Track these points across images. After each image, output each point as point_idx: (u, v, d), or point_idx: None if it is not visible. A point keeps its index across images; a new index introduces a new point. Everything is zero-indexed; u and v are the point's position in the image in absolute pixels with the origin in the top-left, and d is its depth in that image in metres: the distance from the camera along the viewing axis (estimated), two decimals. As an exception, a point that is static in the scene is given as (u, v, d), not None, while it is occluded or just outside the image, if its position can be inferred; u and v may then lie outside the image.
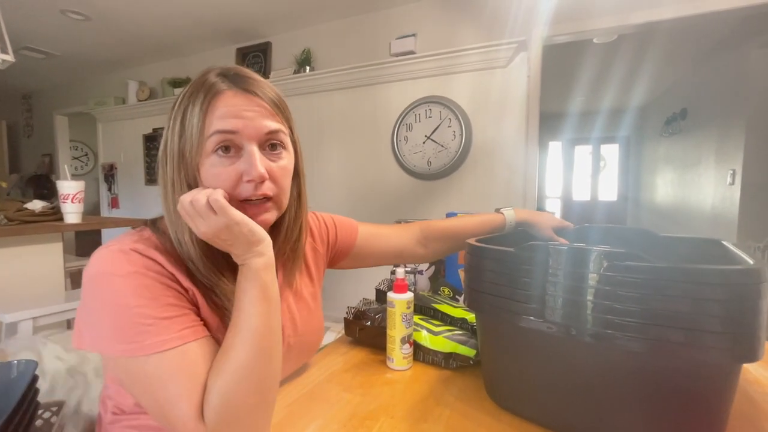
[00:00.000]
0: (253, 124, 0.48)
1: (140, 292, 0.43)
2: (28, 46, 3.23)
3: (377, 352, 0.74)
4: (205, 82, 0.48)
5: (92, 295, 0.44)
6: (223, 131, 0.46)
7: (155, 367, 0.41)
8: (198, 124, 0.46)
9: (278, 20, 2.78)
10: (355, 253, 0.75)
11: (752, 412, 0.52)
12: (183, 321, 0.44)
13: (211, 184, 0.47)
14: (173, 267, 0.47)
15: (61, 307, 1.45)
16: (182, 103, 0.48)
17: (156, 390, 0.41)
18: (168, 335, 0.42)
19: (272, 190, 0.50)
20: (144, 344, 0.41)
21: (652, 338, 0.38)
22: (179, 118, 0.48)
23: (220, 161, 0.47)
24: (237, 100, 0.48)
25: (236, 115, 0.47)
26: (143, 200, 3.86)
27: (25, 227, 1.57)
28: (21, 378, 0.52)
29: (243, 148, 0.48)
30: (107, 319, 0.43)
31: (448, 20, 2.40)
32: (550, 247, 0.45)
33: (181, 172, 0.48)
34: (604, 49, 3.14)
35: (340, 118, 2.74)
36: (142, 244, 0.47)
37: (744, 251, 0.50)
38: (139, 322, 0.42)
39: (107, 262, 0.44)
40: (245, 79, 0.49)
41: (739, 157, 2.73)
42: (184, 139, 0.47)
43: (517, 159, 2.26)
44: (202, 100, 0.47)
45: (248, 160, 0.47)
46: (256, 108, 0.49)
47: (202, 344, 0.45)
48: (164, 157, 0.49)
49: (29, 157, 4.90)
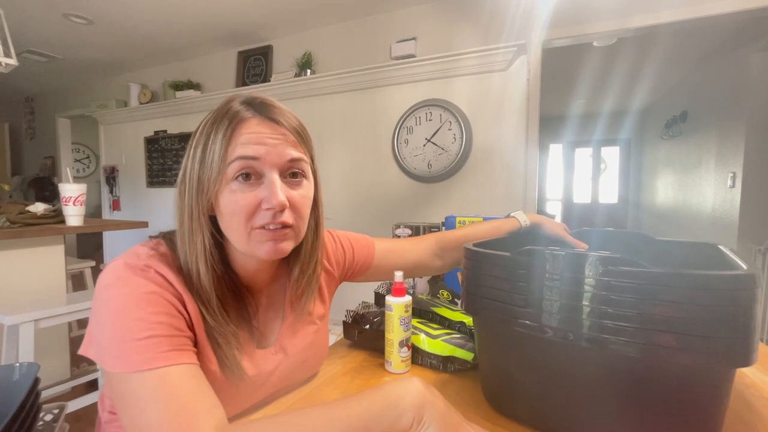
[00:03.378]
0: (276, 151, 0.48)
1: (140, 305, 0.43)
2: (31, 49, 3.25)
3: (376, 355, 0.75)
4: (230, 110, 0.48)
5: (100, 305, 0.44)
6: (245, 157, 0.46)
7: (135, 388, 0.40)
8: (220, 151, 0.46)
9: (279, 24, 2.80)
10: (372, 271, 0.74)
11: (749, 416, 0.53)
12: (172, 342, 0.43)
13: (229, 211, 0.47)
14: (182, 288, 0.47)
15: (63, 310, 1.45)
16: (204, 130, 0.48)
17: (133, 412, 0.40)
18: (152, 354, 0.41)
19: (292, 219, 0.49)
20: (128, 360, 0.40)
21: (647, 343, 0.39)
22: (201, 145, 0.48)
23: (240, 187, 0.47)
24: (261, 127, 0.48)
25: (259, 141, 0.47)
26: (144, 203, 3.88)
27: (27, 230, 1.58)
28: (23, 380, 0.52)
29: (264, 175, 0.48)
30: (107, 330, 0.42)
31: (448, 24, 2.42)
32: (546, 252, 0.45)
33: (200, 201, 0.47)
34: (604, 52, 3.15)
35: (341, 121, 2.75)
36: (157, 259, 0.47)
37: (740, 256, 0.51)
38: (130, 337, 0.41)
39: (118, 274, 0.44)
40: (269, 107, 0.50)
41: (740, 160, 2.73)
42: (205, 166, 0.47)
43: (518, 162, 2.27)
44: (226, 127, 0.47)
45: (269, 187, 0.47)
46: (279, 136, 0.49)
47: (188, 371, 0.42)
48: (182, 185, 0.49)
49: (31, 159, 4.93)
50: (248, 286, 0.56)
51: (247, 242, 0.48)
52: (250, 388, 0.54)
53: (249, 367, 0.53)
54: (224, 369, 0.49)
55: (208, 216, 0.49)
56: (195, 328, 0.47)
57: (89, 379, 1.84)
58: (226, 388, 0.50)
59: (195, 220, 0.48)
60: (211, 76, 3.38)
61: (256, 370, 0.54)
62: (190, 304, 0.47)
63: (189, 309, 0.47)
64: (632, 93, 4.46)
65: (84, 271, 2.56)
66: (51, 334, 1.78)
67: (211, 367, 0.48)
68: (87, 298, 1.58)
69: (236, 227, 0.48)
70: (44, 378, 0.50)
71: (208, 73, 3.40)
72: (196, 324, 0.48)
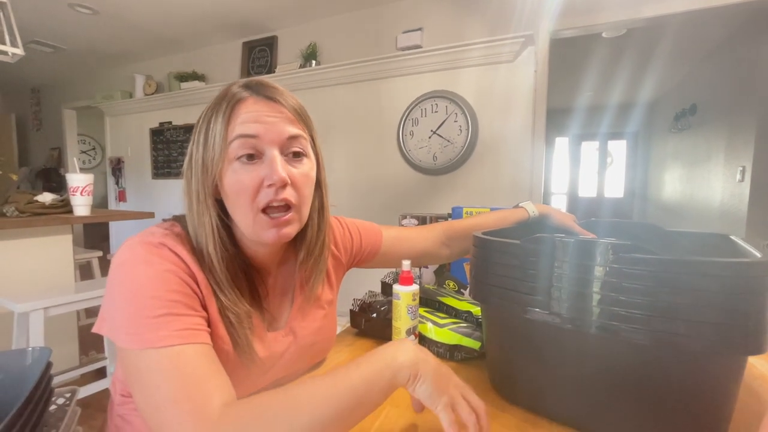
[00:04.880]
0: (275, 128, 0.48)
1: (157, 284, 0.43)
2: (37, 39, 3.25)
3: (382, 343, 0.74)
4: (228, 93, 0.49)
5: (115, 282, 0.44)
6: (244, 135, 0.47)
7: (148, 365, 0.40)
8: (221, 132, 0.47)
9: (284, 14, 2.78)
10: (380, 258, 0.75)
11: (757, 407, 0.53)
12: (187, 321, 0.43)
13: (234, 191, 0.48)
14: (196, 267, 0.48)
15: (72, 298, 1.47)
16: (206, 115, 0.49)
17: (147, 389, 0.40)
18: (167, 331, 0.41)
19: (294, 197, 0.49)
20: (143, 337, 0.41)
21: (658, 330, 0.38)
22: (203, 129, 0.49)
23: (243, 168, 0.48)
24: (258, 106, 0.49)
25: (257, 120, 0.48)
26: (150, 194, 3.90)
27: (35, 219, 1.59)
28: (36, 365, 0.53)
29: (264, 153, 0.48)
30: (121, 306, 0.43)
31: (455, 14, 2.38)
32: (556, 240, 0.45)
33: (205, 183, 0.48)
34: (613, 43, 3.10)
35: (346, 113, 2.74)
36: (172, 239, 0.48)
37: (753, 245, 0.50)
38: (145, 314, 0.41)
39: (135, 252, 0.45)
40: (267, 87, 0.51)
41: (749, 154, 2.69)
42: (208, 148, 0.48)
43: (524, 154, 2.25)
44: (225, 108, 0.48)
45: (269, 164, 0.48)
46: (278, 114, 0.49)
47: (202, 350, 0.43)
48: (188, 170, 0.50)
49: (38, 150, 4.96)
50: (258, 268, 0.57)
51: (252, 226, 0.49)
52: (261, 370, 0.55)
53: (260, 349, 0.53)
54: (237, 349, 0.50)
55: (215, 199, 0.50)
56: (208, 308, 0.48)
57: (98, 367, 1.87)
58: (237, 369, 0.50)
59: (201, 203, 0.48)
60: (215, 67, 3.37)
61: (267, 351, 0.55)
62: (204, 284, 0.48)
63: (203, 289, 0.48)
64: (640, 85, 4.39)
65: (91, 261, 2.59)
66: (60, 322, 1.81)
67: (224, 347, 0.49)
68: (95, 286, 1.60)
69: (241, 208, 0.49)
70: (54, 366, 0.50)
71: (213, 64, 3.39)
72: (210, 304, 0.48)
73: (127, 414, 0.54)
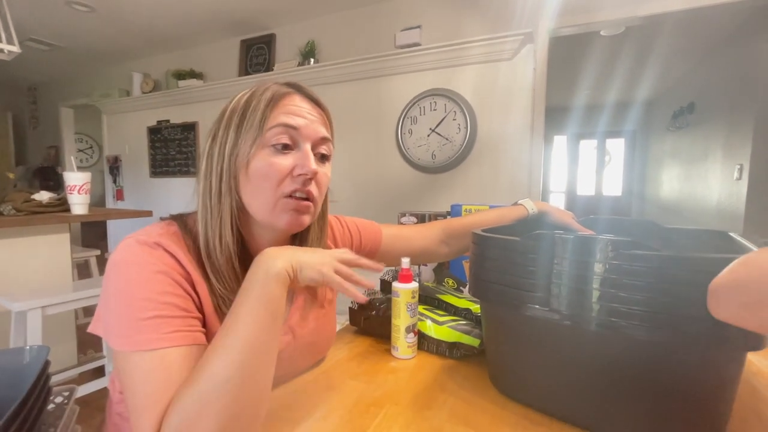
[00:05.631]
0: (313, 126, 0.52)
1: (149, 285, 0.43)
2: (33, 37, 3.23)
3: (382, 341, 0.75)
4: (269, 88, 0.51)
5: (110, 282, 0.44)
6: (287, 125, 0.49)
7: (134, 367, 0.40)
8: (261, 117, 0.48)
9: (282, 12, 2.77)
10: (379, 256, 0.75)
11: (755, 403, 0.53)
12: (177, 323, 0.43)
13: (261, 175, 0.48)
14: (192, 267, 0.47)
15: (70, 297, 1.46)
16: (242, 103, 0.50)
17: (130, 390, 0.40)
18: (156, 334, 0.41)
19: (315, 193, 0.52)
20: (132, 339, 0.40)
21: (658, 327, 0.38)
22: (238, 113, 0.50)
23: (276, 154, 0.49)
24: (303, 103, 0.52)
25: (301, 114, 0.51)
26: (148, 193, 3.88)
27: (33, 218, 1.58)
28: (34, 363, 0.53)
29: (298, 145, 0.50)
30: (114, 307, 0.43)
31: (454, 12, 2.38)
32: (555, 236, 0.45)
33: (230, 166, 0.49)
34: (611, 41, 3.10)
35: (345, 111, 2.74)
36: (168, 238, 0.47)
37: (752, 241, 0.50)
38: (136, 316, 0.41)
39: (129, 252, 0.45)
40: (309, 90, 0.55)
41: (747, 152, 2.70)
42: (241, 131, 0.49)
43: (522, 152, 2.25)
44: (270, 98, 0.50)
45: (303, 156, 0.50)
46: (318, 114, 0.53)
47: (191, 352, 0.42)
48: (212, 149, 0.50)
49: (35, 148, 4.94)
50: None
51: (271, 210, 0.50)
52: None
53: None
54: None
55: (237, 182, 0.50)
56: (204, 309, 0.48)
57: (96, 366, 1.87)
58: None
59: (224, 183, 0.49)
60: (213, 65, 3.36)
61: None
62: (200, 285, 0.47)
63: (198, 290, 0.47)
64: (639, 84, 4.40)
65: (89, 260, 2.58)
66: (58, 321, 1.80)
67: None
68: (93, 285, 1.60)
69: (265, 191, 0.49)
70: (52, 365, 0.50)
71: (211, 62, 3.37)
72: (206, 305, 0.48)
73: (125, 412, 0.54)
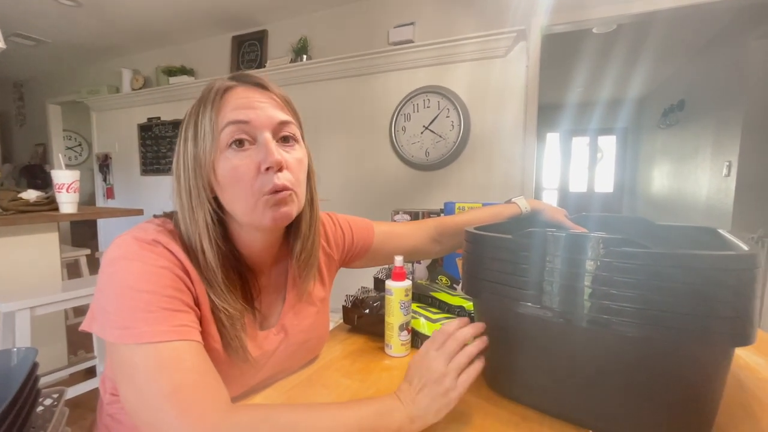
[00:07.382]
0: (266, 113, 0.48)
1: (152, 279, 0.42)
2: (19, 32, 3.16)
3: (375, 339, 0.75)
4: (214, 86, 0.49)
5: (107, 279, 0.43)
6: (236, 121, 0.46)
7: (140, 360, 0.39)
8: (211, 122, 0.46)
9: (274, 8, 2.74)
10: (371, 254, 0.74)
11: (743, 397, 0.54)
12: (182, 318, 0.43)
13: (230, 180, 0.47)
14: (189, 265, 0.47)
15: (59, 297, 1.44)
16: (193, 111, 0.49)
17: (136, 385, 0.39)
18: (162, 327, 0.41)
19: (290, 182, 0.49)
20: (139, 331, 0.40)
21: (648, 323, 0.39)
22: (191, 124, 0.48)
23: (236, 154, 0.47)
24: (248, 92, 0.49)
25: (248, 106, 0.47)
26: (139, 191, 3.84)
27: (20, 217, 1.55)
28: (21, 365, 0.52)
29: (256, 138, 0.48)
30: (114, 301, 0.42)
31: (447, 9, 2.38)
32: (547, 234, 0.45)
33: (197, 177, 0.47)
34: (603, 39, 3.12)
35: (338, 108, 2.72)
36: (165, 235, 0.47)
37: (740, 238, 0.51)
38: (141, 308, 0.41)
39: (128, 248, 0.44)
40: (253, 76, 0.51)
41: (736, 149, 2.74)
42: (198, 140, 0.47)
43: (515, 150, 2.26)
44: (213, 98, 0.47)
45: (264, 148, 0.47)
46: (267, 100, 0.50)
47: (195, 348, 0.43)
48: (178, 169, 0.49)
49: (22, 146, 4.84)
50: (251, 267, 0.56)
51: (252, 211, 0.48)
52: (253, 368, 0.54)
53: (252, 348, 0.53)
54: (228, 349, 0.49)
55: (209, 195, 0.49)
56: (201, 306, 0.48)
57: (87, 366, 1.84)
58: (227, 367, 0.50)
59: (195, 198, 0.47)
60: (204, 61, 3.32)
61: (258, 350, 0.54)
62: (197, 282, 0.47)
63: (196, 286, 0.47)
64: (630, 81, 4.44)
65: (79, 260, 2.54)
66: (47, 321, 1.78)
67: (215, 345, 0.48)
68: (83, 285, 1.57)
69: (240, 195, 0.47)
70: (42, 366, 0.49)
71: (202, 58, 3.33)
72: (202, 302, 0.48)
73: (116, 413, 0.54)
